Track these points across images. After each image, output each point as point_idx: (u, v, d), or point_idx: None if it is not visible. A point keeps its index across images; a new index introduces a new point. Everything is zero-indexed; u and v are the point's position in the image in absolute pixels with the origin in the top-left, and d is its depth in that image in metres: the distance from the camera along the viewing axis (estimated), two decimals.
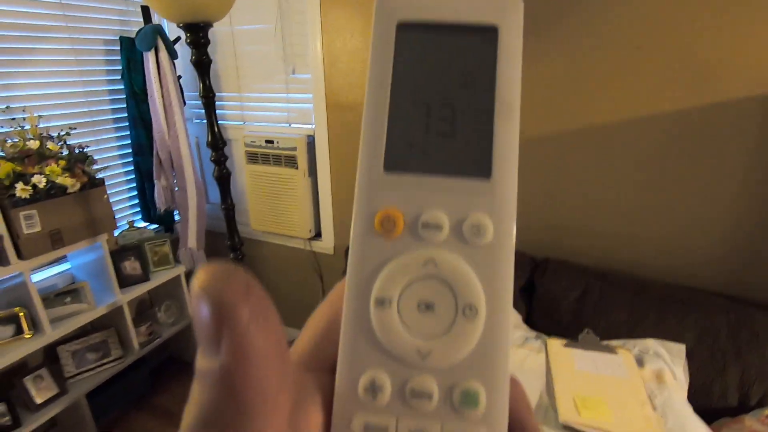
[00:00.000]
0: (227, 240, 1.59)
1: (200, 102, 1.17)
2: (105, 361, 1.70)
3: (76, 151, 1.54)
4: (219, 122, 2.07)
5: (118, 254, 1.76)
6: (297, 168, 1.87)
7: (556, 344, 1.15)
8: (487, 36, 0.14)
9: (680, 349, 1.12)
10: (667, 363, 1.10)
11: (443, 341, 0.14)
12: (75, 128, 1.57)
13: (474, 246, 0.14)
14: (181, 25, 0.99)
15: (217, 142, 1.14)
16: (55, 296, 1.57)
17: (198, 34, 1.00)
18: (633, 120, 1.27)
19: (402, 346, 0.14)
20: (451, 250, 0.14)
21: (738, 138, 1.17)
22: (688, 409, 1.01)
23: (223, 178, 1.24)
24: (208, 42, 1.04)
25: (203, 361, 0.10)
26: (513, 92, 0.14)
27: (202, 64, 1.06)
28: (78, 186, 1.48)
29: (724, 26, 1.11)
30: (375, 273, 0.14)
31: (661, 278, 1.31)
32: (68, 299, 1.59)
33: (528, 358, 1.11)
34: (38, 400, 1.48)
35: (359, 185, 0.14)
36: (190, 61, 1.06)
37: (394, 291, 0.14)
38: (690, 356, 1.12)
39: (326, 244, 1.97)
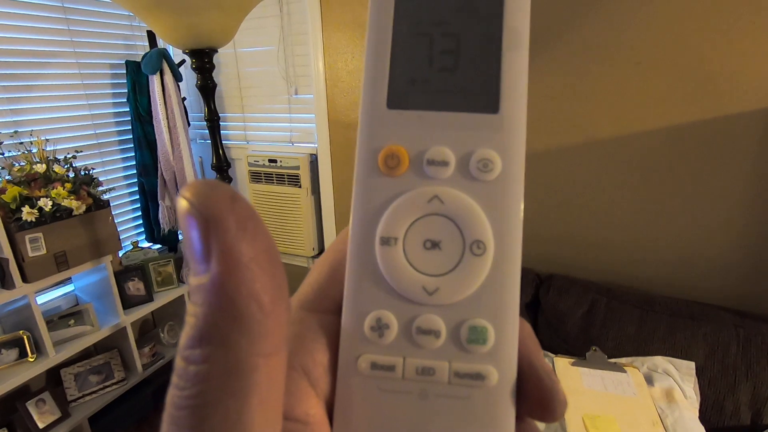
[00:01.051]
0: None
1: (204, 124, 1.19)
2: (108, 383, 1.69)
3: (82, 173, 1.56)
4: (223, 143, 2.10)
5: (122, 275, 1.76)
6: (300, 186, 1.88)
7: (563, 362, 1.13)
8: None
9: (690, 366, 1.11)
10: (677, 381, 1.08)
11: (450, 278, 0.14)
12: (81, 151, 1.59)
13: (481, 182, 0.13)
14: (186, 51, 1.01)
15: (222, 165, 1.16)
16: (59, 318, 1.57)
17: (203, 59, 1.02)
18: (636, 133, 1.28)
19: (408, 284, 0.14)
20: (458, 186, 0.14)
21: (740, 151, 1.17)
22: (699, 429, 0.99)
23: None
24: (213, 67, 1.06)
25: (195, 279, 0.10)
26: (522, 19, 0.13)
27: (207, 89, 1.07)
28: (83, 208, 1.49)
29: (724, 41, 1.13)
30: (380, 212, 0.14)
31: (667, 292, 1.30)
32: (72, 321, 1.59)
33: None
34: (40, 425, 1.47)
35: (362, 123, 0.14)
36: (195, 85, 1.08)
37: (399, 229, 0.14)
38: (700, 373, 1.11)
39: None
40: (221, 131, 1.98)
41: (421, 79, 0.14)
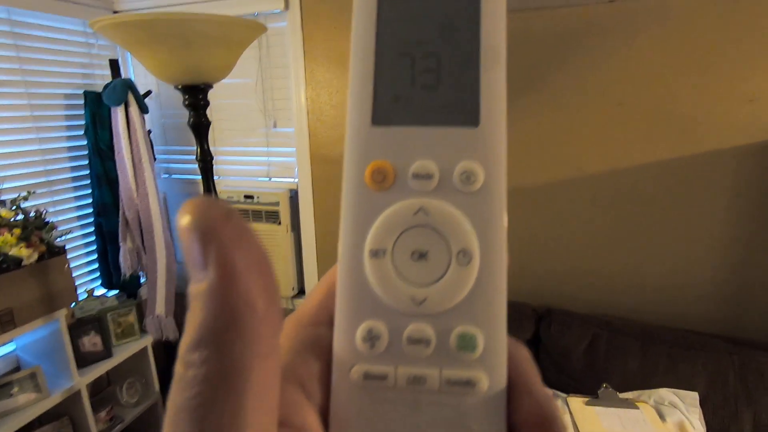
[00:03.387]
0: None
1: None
2: None
3: (32, 214, 1.37)
4: (187, 177, 1.96)
5: (76, 329, 1.55)
6: (279, 224, 1.78)
7: (577, 403, 1.11)
8: None
9: (694, 396, 1.13)
10: (684, 413, 1.10)
11: (438, 287, 0.14)
12: (33, 191, 1.41)
13: (465, 193, 0.14)
14: (179, 87, 0.92)
15: None
16: None
17: (197, 95, 0.94)
18: (620, 169, 1.34)
19: (397, 294, 0.14)
20: (442, 198, 0.14)
21: (717, 184, 1.26)
22: None
23: None
24: (207, 103, 0.98)
25: (195, 287, 0.11)
26: (498, 37, 0.14)
27: (201, 127, 0.98)
28: (35, 257, 1.30)
29: (699, 85, 1.22)
30: (368, 225, 0.14)
31: (661, 321, 1.34)
32: (16, 389, 1.36)
33: None
34: None
35: (348, 140, 0.14)
36: (188, 124, 0.98)
37: (387, 241, 0.14)
38: (703, 403, 1.13)
39: None
40: (188, 165, 1.85)
41: (404, 96, 0.14)
